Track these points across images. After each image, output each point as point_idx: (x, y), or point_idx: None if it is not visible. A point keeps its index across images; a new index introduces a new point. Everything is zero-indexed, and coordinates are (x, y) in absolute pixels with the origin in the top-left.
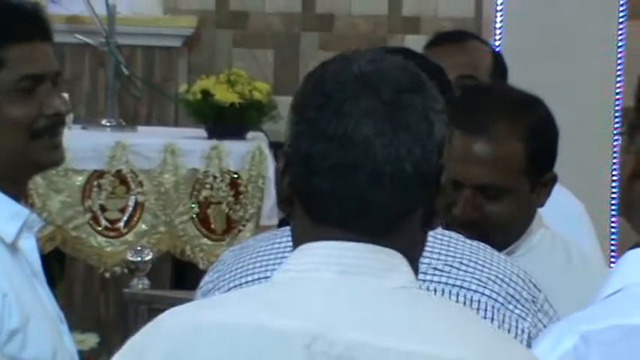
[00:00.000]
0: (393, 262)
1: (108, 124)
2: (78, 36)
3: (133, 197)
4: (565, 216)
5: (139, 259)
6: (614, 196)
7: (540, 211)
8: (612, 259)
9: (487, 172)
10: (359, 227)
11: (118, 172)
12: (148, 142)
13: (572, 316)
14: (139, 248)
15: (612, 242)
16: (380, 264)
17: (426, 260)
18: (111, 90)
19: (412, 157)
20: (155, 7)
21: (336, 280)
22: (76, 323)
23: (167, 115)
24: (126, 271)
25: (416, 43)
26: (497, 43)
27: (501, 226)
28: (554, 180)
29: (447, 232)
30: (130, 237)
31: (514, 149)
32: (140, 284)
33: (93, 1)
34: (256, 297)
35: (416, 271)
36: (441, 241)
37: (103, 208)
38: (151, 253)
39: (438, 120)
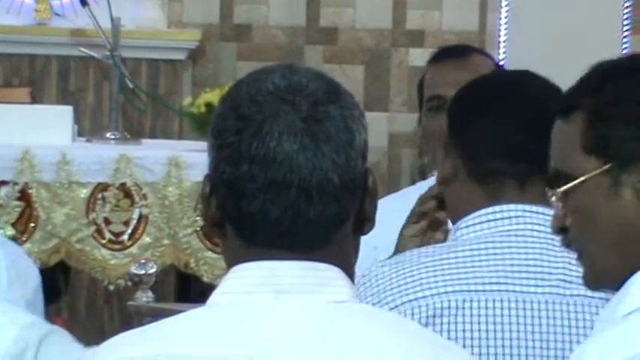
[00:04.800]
0: (328, 276)
1: (112, 137)
2: (82, 49)
3: (137, 210)
4: None
5: (143, 271)
6: None
7: None
8: None
9: None
10: (291, 244)
11: (122, 184)
12: (152, 155)
13: (606, 341)
14: (143, 261)
15: None
16: (314, 280)
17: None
18: (115, 103)
19: (337, 167)
20: (159, 20)
21: (271, 302)
22: (80, 335)
23: (171, 128)
24: (130, 283)
25: (420, 56)
26: (501, 57)
27: None
28: None
29: None
30: (134, 250)
31: None
32: (144, 297)
33: (97, 14)
34: (191, 324)
35: (352, 279)
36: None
37: (107, 221)
38: (155, 266)
39: (357, 127)
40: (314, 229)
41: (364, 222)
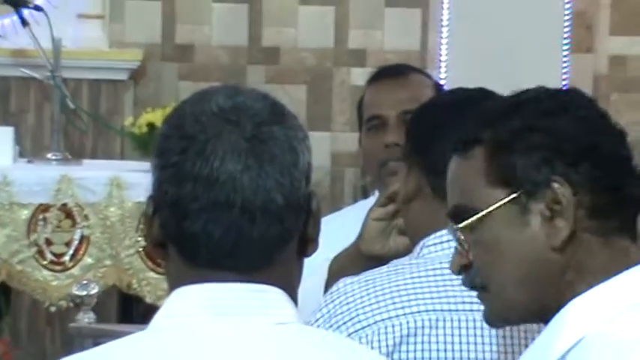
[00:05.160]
0: (271, 298)
1: (54, 157)
2: (23, 70)
3: (78, 231)
4: None
5: (85, 292)
6: None
7: None
8: None
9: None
10: (234, 266)
11: (64, 205)
12: (93, 176)
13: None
14: (84, 282)
15: None
16: (257, 302)
17: None
18: (56, 123)
19: (281, 187)
20: (101, 40)
21: (213, 324)
22: (22, 358)
23: (113, 149)
24: (72, 305)
25: (361, 76)
26: (442, 76)
27: None
28: None
29: None
30: (75, 271)
31: None
32: (86, 318)
33: (38, 34)
34: (133, 349)
35: (295, 301)
36: None
37: (48, 242)
38: (96, 287)
39: (302, 148)
40: (257, 249)
41: (308, 244)
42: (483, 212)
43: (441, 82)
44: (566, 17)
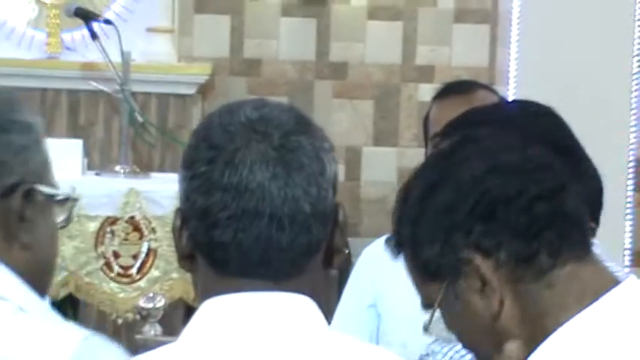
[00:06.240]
0: (301, 306)
1: (121, 170)
2: (93, 83)
3: (145, 243)
4: None
5: (152, 305)
6: (627, 258)
7: None
8: None
9: None
10: (264, 274)
11: (131, 218)
12: (161, 189)
13: None
14: (151, 295)
15: None
16: (287, 310)
17: None
18: (125, 137)
19: (308, 196)
20: (170, 54)
21: (243, 335)
22: None
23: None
24: (138, 317)
25: (429, 92)
26: (511, 92)
27: None
28: None
29: None
30: (142, 283)
31: None
32: (152, 330)
33: (108, 48)
34: None
35: (324, 312)
36: None
37: (115, 254)
38: (163, 300)
39: (329, 158)
40: (286, 258)
41: (334, 255)
42: (432, 312)
43: (510, 98)
44: (637, 34)
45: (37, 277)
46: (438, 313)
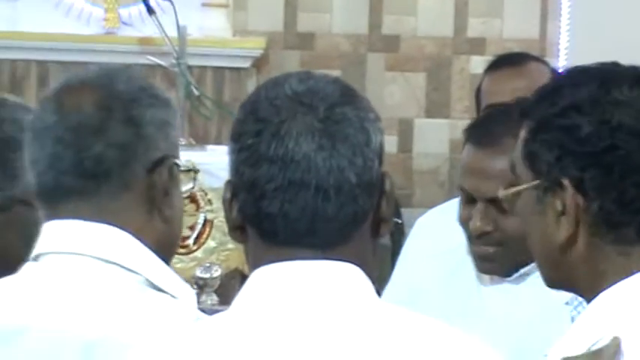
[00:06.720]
0: (349, 274)
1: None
2: (149, 57)
3: (202, 215)
4: None
5: (208, 275)
6: None
7: None
8: None
9: (497, 185)
10: (311, 244)
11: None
12: (217, 161)
13: None
14: (207, 265)
15: None
16: (335, 278)
17: None
18: (181, 110)
19: (354, 167)
20: (225, 28)
21: (292, 303)
22: None
23: None
24: (195, 287)
25: (480, 64)
26: (562, 64)
27: (517, 239)
28: None
29: None
30: (199, 254)
31: None
32: (209, 300)
33: (164, 23)
34: (217, 330)
35: (373, 281)
36: None
37: None
38: (219, 270)
39: (374, 129)
40: (333, 228)
41: (381, 224)
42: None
43: (560, 70)
44: None
45: (168, 250)
46: None
